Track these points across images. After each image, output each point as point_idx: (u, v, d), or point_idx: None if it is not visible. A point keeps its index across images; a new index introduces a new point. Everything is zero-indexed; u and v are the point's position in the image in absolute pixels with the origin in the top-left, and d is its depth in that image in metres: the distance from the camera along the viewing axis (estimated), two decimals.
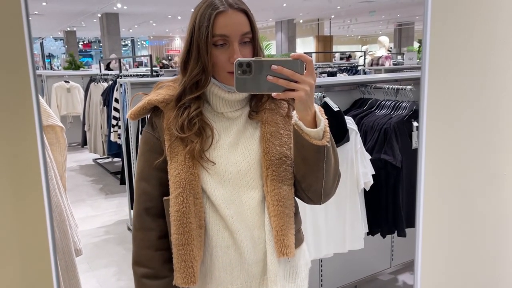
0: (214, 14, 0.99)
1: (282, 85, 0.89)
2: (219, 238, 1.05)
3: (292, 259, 1.12)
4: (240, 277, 1.07)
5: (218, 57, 1.01)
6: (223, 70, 1.02)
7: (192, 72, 1.02)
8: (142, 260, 1.08)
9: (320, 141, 0.96)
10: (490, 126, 0.70)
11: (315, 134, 0.96)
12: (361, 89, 2.60)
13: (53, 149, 1.37)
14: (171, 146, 1.03)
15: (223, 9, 0.99)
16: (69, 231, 1.36)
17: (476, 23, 0.63)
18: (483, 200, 0.73)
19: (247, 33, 1.02)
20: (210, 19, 0.99)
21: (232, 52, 1.00)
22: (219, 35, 0.99)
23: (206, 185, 1.04)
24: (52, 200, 1.29)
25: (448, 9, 0.60)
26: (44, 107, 1.41)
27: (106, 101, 5.29)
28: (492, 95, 0.69)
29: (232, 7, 1.00)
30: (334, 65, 8.06)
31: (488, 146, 0.71)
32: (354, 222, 2.27)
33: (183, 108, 1.04)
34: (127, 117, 1.12)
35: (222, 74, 1.03)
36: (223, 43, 1.01)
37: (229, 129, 1.07)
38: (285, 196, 1.05)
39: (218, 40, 1.00)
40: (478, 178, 0.72)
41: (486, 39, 0.65)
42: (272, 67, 0.89)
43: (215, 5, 1.00)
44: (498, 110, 0.69)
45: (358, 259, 2.68)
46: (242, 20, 1.01)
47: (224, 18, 0.99)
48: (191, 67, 1.03)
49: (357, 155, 2.19)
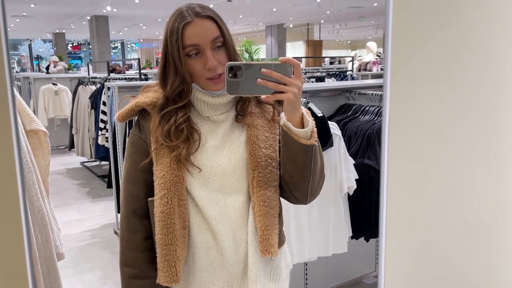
0: (181, 26, 1.02)
1: (272, 87, 0.93)
2: (201, 239, 1.07)
3: (273, 260, 1.15)
4: (221, 277, 1.10)
5: (193, 67, 1.04)
6: (201, 77, 1.06)
7: (174, 85, 1.05)
8: (129, 261, 1.11)
9: (309, 140, 1.00)
10: (459, 129, 0.72)
11: (304, 134, 1.00)
12: (346, 94, 2.64)
13: (36, 153, 1.38)
14: (157, 149, 1.06)
15: (189, 20, 1.02)
16: (51, 235, 1.36)
17: (439, 27, 0.66)
18: (451, 204, 0.76)
19: (217, 37, 1.04)
20: (178, 31, 1.02)
21: (206, 60, 1.03)
22: (190, 45, 1.02)
23: (191, 186, 1.07)
24: (34, 204, 1.30)
25: (409, 21, 0.63)
26: (28, 112, 1.42)
27: (94, 104, 5.27)
28: (459, 99, 0.71)
29: (198, 15, 1.03)
30: (323, 69, 8.11)
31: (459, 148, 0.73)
32: (338, 226, 2.30)
33: (170, 115, 1.06)
34: (114, 119, 1.14)
35: (201, 82, 1.07)
36: (196, 52, 1.04)
37: (215, 132, 1.10)
38: (270, 197, 1.08)
39: (191, 50, 1.03)
40: (446, 183, 0.74)
41: (452, 44, 0.68)
42: (262, 71, 0.93)
43: (182, 17, 1.03)
44: (466, 113, 0.72)
45: (343, 262, 2.71)
46: (210, 26, 1.04)
47: (191, 28, 1.02)
48: (171, 80, 1.06)
49: (341, 160, 2.22)
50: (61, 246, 1.45)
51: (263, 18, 15.94)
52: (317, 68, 9.22)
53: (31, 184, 1.29)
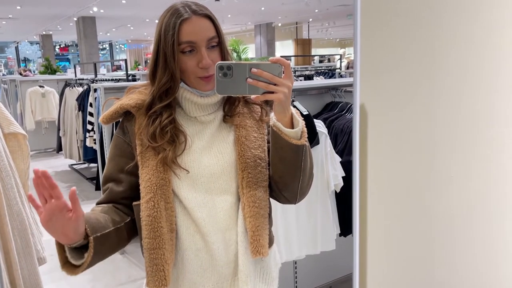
0: (178, 22, 1.01)
1: (262, 87, 0.93)
2: (190, 241, 1.06)
3: (263, 260, 1.14)
4: (211, 279, 1.08)
5: (186, 63, 1.03)
6: (193, 75, 1.04)
7: (161, 81, 1.04)
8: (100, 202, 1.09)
9: (299, 140, 0.99)
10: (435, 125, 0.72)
11: (294, 134, 0.99)
12: (332, 92, 2.64)
13: (15, 157, 1.35)
14: (142, 152, 1.04)
15: (187, 16, 1.01)
16: (31, 239, 1.34)
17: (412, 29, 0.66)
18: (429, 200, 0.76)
19: (213, 37, 1.04)
20: (175, 27, 1.00)
21: (200, 57, 1.02)
22: (186, 42, 1.01)
23: (178, 189, 1.05)
24: (13, 209, 1.27)
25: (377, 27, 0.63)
26: (6, 115, 1.39)
27: (81, 106, 5.22)
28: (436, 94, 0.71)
29: (196, 13, 1.02)
30: (312, 68, 8.13)
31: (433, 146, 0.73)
32: (326, 223, 2.30)
33: (154, 116, 1.05)
34: (99, 121, 1.12)
35: (192, 80, 1.05)
36: (191, 49, 1.03)
37: (202, 133, 1.09)
38: (260, 197, 1.07)
39: (186, 47, 1.02)
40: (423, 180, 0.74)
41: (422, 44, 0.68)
42: (252, 70, 0.92)
43: (179, 13, 1.02)
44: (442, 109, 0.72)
45: (332, 260, 2.71)
46: (207, 25, 1.03)
47: (189, 25, 1.01)
48: (159, 75, 1.04)
49: (327, 158, 2.23)
50: (42, 250, 1.43)
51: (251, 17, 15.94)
52: (306, 66, 9.24)
53: (9, 188, 1.27)
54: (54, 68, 11.25)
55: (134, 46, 25.09)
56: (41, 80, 7.05)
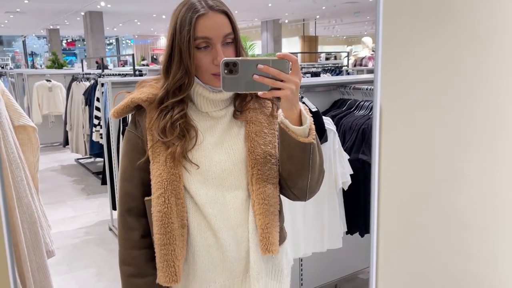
0: (195, 17, 0.99)
1: (269, 84, 0.90)
2: (201, 237, 1.06)
3: (275, 257, 1.13)
4: (222, 275, 1.08)
5: (201, 60, 1.02)
6: (207, 72, 1.03)
7: (175, 76, 1.02)
8: (127, 259, 1.09)
9: (306, 138, 0.98)
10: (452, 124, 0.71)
11: (301, 132, 0.97)
12: (341, 89, 2.62)
13: (24, 149, 1.35)
14: (153, 147, 1.04)
15: (204, 12, 0.99)
16: (41, 232, 1.34)
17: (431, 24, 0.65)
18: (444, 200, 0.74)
19: (229, 34, 1.02)
20: (191, 22, 0.99)
21: (215, 54, 1.00)
22: (202, 37, 1.00)
23: (189, 184, 1.05)
24: (23, 201, 1.27)
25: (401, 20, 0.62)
26: (15, 107, 1.39)
27: (88, 101, 5.24)
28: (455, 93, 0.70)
29: (213, 9, 1.00)
30: (319, 65, 8.10)
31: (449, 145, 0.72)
32: (333, 221, 2.29)
33: (166, 110, 1.04)
34: (109, 115, 1.12)
35: (206, 76, 1.04)
36: (206, 45, 1.01)
37: (213, 129, 1.08)
38: (270, 194, 1.06)
39: (201, 43, 1.00)
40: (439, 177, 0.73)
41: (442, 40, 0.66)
42: (259, 67, 0.90)
43: (195, 8, 1.00)
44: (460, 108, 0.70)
45: (338, 258, 2.70)
46: (224, 21, 1.02)
47: (205, 20, 0.99)
48: (174, 71, 1.03)
49: (335, 155, 2.21)
50: (51, 243, 1.43)
51: (258, 14, 15.90)
52: (312, 63, 9.20)
53: (19, 180, 1.27)
54: (61, 63, 11.29)
55: (141, 42, 25.12)
56: (48, 74, 7.07)
